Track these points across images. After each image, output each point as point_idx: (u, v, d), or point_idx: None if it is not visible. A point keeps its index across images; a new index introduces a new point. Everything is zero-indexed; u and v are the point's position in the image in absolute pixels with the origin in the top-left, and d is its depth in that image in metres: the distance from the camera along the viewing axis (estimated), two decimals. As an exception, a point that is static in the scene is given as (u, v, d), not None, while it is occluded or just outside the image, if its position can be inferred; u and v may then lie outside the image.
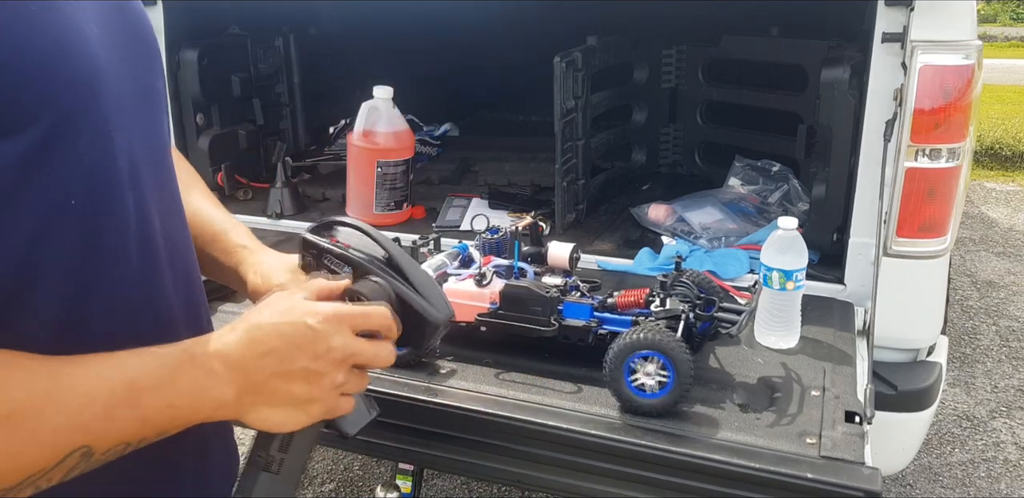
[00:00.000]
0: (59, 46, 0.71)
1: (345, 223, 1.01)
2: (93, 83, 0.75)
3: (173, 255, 0.89)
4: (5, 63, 0.66)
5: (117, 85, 0.79)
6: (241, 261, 1.09)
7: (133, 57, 0.85)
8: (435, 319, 0.95)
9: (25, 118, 0.69)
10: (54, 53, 0.71)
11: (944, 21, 1.65)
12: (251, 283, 1.07)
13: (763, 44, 2.53)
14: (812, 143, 2.24)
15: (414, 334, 0.96)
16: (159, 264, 0.86)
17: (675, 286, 1.53)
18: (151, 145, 0.87)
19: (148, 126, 0.87)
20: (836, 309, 1.81)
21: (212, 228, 1.11)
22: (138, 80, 0.85)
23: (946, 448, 2.98)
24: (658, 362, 1.31)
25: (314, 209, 2.58)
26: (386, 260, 0.97)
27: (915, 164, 1.70)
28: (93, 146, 0.75)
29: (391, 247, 0.98)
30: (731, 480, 1.25)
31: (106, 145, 0.77)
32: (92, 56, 0.75)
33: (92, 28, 0.77)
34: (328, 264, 0.98)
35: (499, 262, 1.62)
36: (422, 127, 3.21)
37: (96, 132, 0.76)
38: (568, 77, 2.22)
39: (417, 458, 1.58)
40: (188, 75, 2.47)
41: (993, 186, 6.56)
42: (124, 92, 0.81)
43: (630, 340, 1.32)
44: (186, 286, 0.93)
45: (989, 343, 3.79)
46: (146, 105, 0.87)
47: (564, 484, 1.38)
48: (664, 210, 2.33)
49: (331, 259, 0.97)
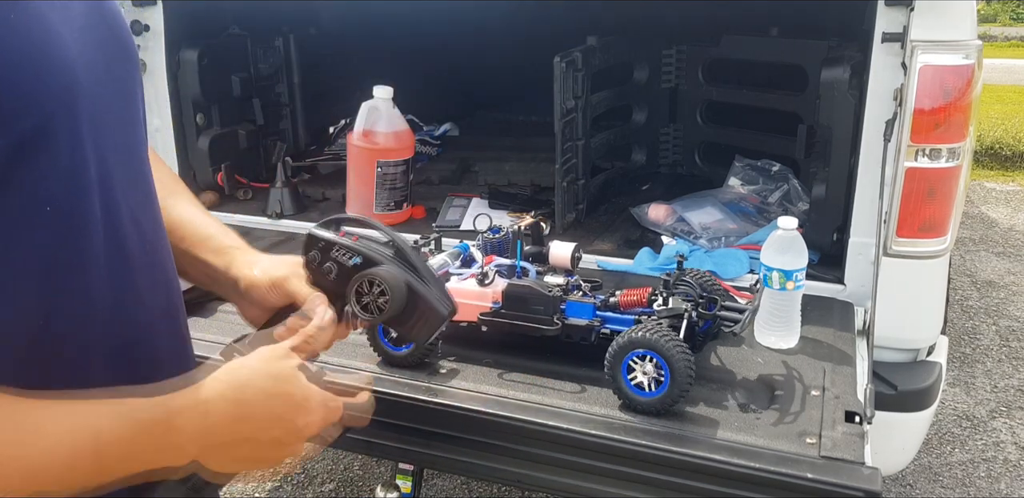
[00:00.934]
0: (38, 51, 0.71)
1: (351, 219, 1.04)
2: (72, 87, 0.75)
3: (149, 260, 0.89)
4: None
5: (94, 89, 0.79)
6: (233, 260, 1.08)
7: (110, 61, 0.84)
8: (441, 312, 0.98)
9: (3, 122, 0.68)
10: (33, 58, 0.70)
11: (944, 21, 1.65)
12: (247, 279, 1.06)
13: (763, 44, 2.53)
14: (812, 143, 2.24)
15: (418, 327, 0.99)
16: (132, 268, 0.85)
17: (678, 285, 1.53)
18: (126, 149, 0.87)
19: (124, 130, 0.87)
20: (836, 309, 1.81)
21: (201, 231, 1.10)
22: (115, 84, 0.85)
23: (946, 448, 2.98)
24: (654, 361, 1.32)
25: (314, 209, 2.58)
26: (395, 253, 0.99)
27: (915, 164, 1.70)
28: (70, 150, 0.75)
29: (400, 242, 1.00)
30: (731, 480, 1.25)
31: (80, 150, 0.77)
32: (70, 61, 0.75)
33: (70, 33, 0.77)
34: (336, 256, 0.99)
35: (501, 261, 1.62)
36: (422, 127, 3.21)
37: (71, 137, 0.75)
38: (568, 77, 2.22)
39: (417, 458, 1.58)
40: (188, 75, 2.47)
41: (993, 186, 6.56)
42: (101, 97, 0.81)
43: (627, 339, 1.33)
44: (164, 291, 0.93)
45: (989, 343, 3.79)
46: (123, 109, 0.87)
47: (564, 484, 1.38)
48: (664, 210, 2.33)
49: (341, 251, 0.99)
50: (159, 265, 0.91)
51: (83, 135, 0.77)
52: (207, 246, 1.09)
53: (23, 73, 0.69)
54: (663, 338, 1.31)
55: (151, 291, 0.88)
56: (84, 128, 0.77)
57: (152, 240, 0.89)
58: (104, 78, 0.82)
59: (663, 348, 1.30)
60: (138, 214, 0.87)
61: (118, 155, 0.84)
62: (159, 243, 0.92)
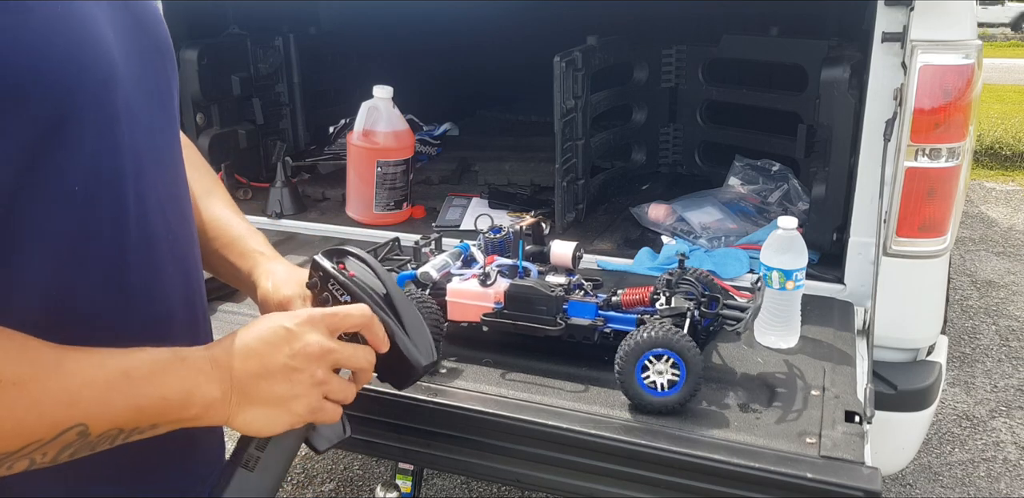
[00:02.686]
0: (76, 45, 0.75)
1: (356, 255, 1.05)
2: (109, 81, 0.79)
3: (176, 251, 0.93)
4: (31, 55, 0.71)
5: (130, 84, 0.83)
6: (256, 265, 1.14)
7: (146, 58, 0.88)
8: (416, 362, 0.99)
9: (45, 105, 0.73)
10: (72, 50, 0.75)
11: (944, 21, 1.65)
12: (263, 289, 1.11)
13: (763, 44, 2.53)
14: (812, 143, 2.23)
15: (395, 372, 1.00)
16: (159, 257, 0.89)
17: (679, 284, 1.54)
18: (159, 144, 0.90)
19: (157, 125, 0.90)
20: (836, 309, 1.81)
21: (231, 232, 1.16)
22: (150, 80, 0.89)
23: (946, 448, 2.98)
24: (671, 360, 1.32)
25: (314, 209, 2.58)
26: (383, 296, 1.01)
27: (915, 164, 1.70)
28: (101, 138, 0.79)
29: (392, 287, 1.02)
30: (731, 480, 1.25)
31: (114, 139, 0.80)
32: (110, 56, 0.79)
33: (113, 29, 0.81)
34: (331, 288, 1.01)
35: (503, 262, 1.62)
36: (422, 127, 3.21)
37: (105, 126, 0.79)
38: (568, 77, 2.23)
39: (417, 458, 1.58)
40: (188, 75, 2.47)
41: (993, 186, 6.56)
42: (136, 91, 0.84)
43: (644, 338, 1.33)
44: (186, 281, 0.96)
45: (989, 343, 3.79)
46: (156, 105, 0.90)
47: (564, 484, 1.38)
48: (664, 210, 2.33)
49: (335, 285, 1.01)
50: (181, 257, 0.94)
51: (118, 125, 0.81)
52: (235, 248, 1.15)
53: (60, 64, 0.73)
54: (682, 338, 1.31)
55: (172, 280, 0.92)
56: (120, 119, 0.81)
57: (177, 232, 0.93)
58: (141, 74, 0.86)
59: (682, 348, 1.30)
60: (166, 205, 0.90)
61: (152, 150, 0.88)
62: (184, 235, 0.96)
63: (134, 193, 0.84)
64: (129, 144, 0.82)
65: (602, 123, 2.68)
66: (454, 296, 1.56)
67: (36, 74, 0.71)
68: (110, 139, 0.80)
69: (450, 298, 1.56)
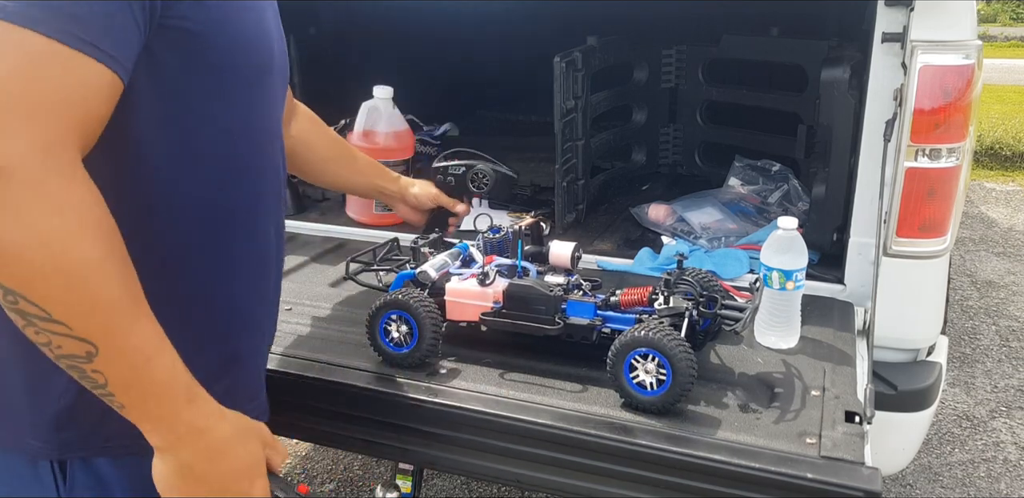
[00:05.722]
0: (257, 37, 1.08)
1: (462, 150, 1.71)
2: (270, 61, 1.11)
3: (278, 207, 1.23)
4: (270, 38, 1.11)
5: (279, 65, 1.16)
6: (399, 182, 1.85)
7: (281, 50, 1.18)
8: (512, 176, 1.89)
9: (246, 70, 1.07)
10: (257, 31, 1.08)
11: (944, 21, 1.64)
12: (413, 193, 1.86)
13: (763, 44, 2.53)
14: (812, 143, 2.23)
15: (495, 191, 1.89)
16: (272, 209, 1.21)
17: (678, 284, 1.54)
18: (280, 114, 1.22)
19: (281, 100, 1.21)
20: (836, 309, 1.81)
21: (378, 168, 1.86)
22: (284, 67, 1.20)
23: (946, 448, 2.98)
24: (656, 360, 1.32)
25: (314, 209, 2.58)
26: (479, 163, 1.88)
27: (915, 164, 1.70)
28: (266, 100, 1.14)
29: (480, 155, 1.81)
30: (731, 480, 1.25)
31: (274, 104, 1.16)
32: (272, 41, 1.12)
33: (274, 23, 1.15)
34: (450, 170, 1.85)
35: (502, 261, 1.62)
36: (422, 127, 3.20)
37: (267, 92, 1.13)
38: (568, 77, 2.23)
39: (417, 458, 1.58)
40: (188, 75, 2.47)
41: (993, 186, 6.56)
42: (280, 72, 1.17)
43: (629, 338, 1.33)
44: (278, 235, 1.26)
45: (989, 343, 3.79)
46: (282, 86, 1.21)
47: (564, 484, 1.38)
48: (664, 210, 2.33)
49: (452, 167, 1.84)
50: (278, 214, 1.24)
51: (274, 94, 1.15)
52: (386, 175, 1.84)
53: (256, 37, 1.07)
54: (665, 337, 1.31)
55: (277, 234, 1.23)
56: (275, 91, 1.15)
57: (281, 173, 1.23)
58: (281, 61, 1.17)
59: (665, 347, 1.30)
60: (280, 155, 1.22)
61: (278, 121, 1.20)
62: (282, 180, 1.25)
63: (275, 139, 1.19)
64: (278, 107, 1.18)
65: (602, 123, 2.68)
66: (453, 296, 1.56)
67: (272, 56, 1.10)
68: (273, 104, 1.16)
69: (449, 298, 1.57)
